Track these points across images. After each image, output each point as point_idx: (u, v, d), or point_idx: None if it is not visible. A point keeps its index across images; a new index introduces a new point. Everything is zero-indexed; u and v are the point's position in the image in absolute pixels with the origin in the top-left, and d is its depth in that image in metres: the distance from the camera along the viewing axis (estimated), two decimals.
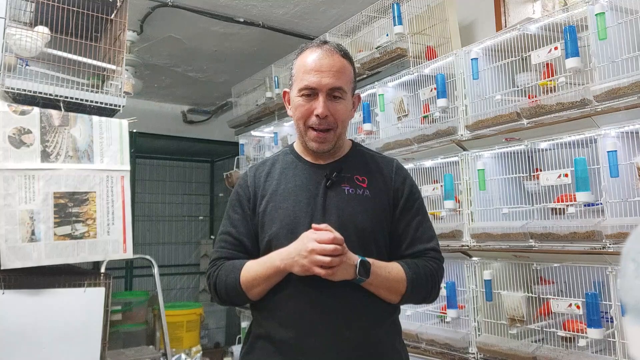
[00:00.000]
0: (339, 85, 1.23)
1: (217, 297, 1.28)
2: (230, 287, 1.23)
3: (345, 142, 1.36)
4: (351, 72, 1.28)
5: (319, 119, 1.22)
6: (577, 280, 1.67)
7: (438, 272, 1.27)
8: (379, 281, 1.18)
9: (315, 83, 1.21)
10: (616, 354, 1.53)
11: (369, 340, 1.20)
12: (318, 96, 1.22)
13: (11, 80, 1.80)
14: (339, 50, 1.26)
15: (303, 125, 1.26)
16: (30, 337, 1.74)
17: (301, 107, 1.24)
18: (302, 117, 1.25)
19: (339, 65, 1.24)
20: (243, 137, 3.93)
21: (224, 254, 1.29)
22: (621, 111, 1.53)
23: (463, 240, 1.99)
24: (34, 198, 1.75)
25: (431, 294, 1.27)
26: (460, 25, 2.56)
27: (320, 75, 1.21)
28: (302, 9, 3.29)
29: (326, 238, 1.11)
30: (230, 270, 1.23)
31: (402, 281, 1.20)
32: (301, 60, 1.26)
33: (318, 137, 1.25)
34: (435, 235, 1.32)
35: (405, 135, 2.29)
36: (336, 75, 1.22)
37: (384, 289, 1.20)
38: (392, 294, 1.21)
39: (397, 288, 1.20)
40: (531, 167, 1.86)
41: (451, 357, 2.01)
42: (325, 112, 1.21)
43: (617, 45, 1.60)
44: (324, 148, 1.27)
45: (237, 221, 1.30)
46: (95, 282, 1.87)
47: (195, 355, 3.55)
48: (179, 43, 3.78)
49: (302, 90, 1.23)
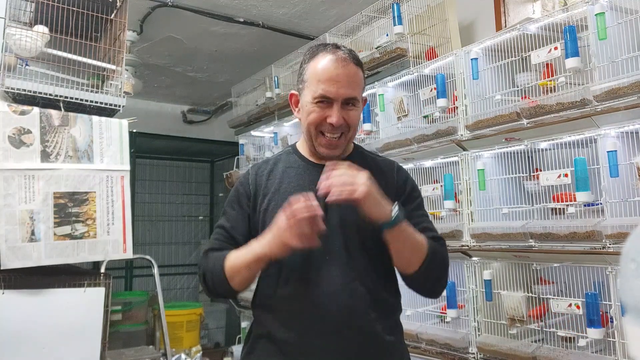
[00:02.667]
0: (354, 95, 1.24)
1: (205, 286, 1.28)
2: (215, 275, 1.23)
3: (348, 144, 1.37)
4: (362, 80, 1.29)
5: (333, 127, 1.23)
6: (577, 280, 1.67)
7: (447, 257, 1.27)
8: (407, 235, 1.16)
9: (333, 94, 1.21)
10: (616, 354, 1.53)
11: (370, 340, 1.20)
12: (332, 105, 1.22)
13: (11, 80, 1.79)
14: (352, 58, 1.26)
15: (314, 130, 1.26)
16: (30, 337, 1.74)
17: (314, 113, 1.24)
18: (314, 123, 1.25)
19: (353, 74, 1.24)
20: (243, 137, 3.93)
21: (216, 245, 1.29)
22: (621, 111, 1.53)
23: (463, 240, 1.99)
24: (33, 198, 1.75)
25: (442, 280, 1.26)
26: (460, 25, 2.56)
27: (337, 86, 1.21)
28: (302, 9, 3.29)
29: (335, 172, 1.10)
30: (217, 259, 1.24)
31: (424, 244, 1.19)
32: (314, 66, 1.25)
33: (329, 144, 1.25)
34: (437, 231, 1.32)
35: (405, 135, 2.29)
36: (352, 86, 1.23)
37: (410, 245, 1.17)
38: (415, 255, 1.18)
39: (420, 251, 1.18)
40: (531, 167, 1.86)
41: (451, 357, 2.01)
42: (340, 121, 1.22)
43: (617, 45, 1.60)
44: (335, 154, 1.27)
45: (233, 217, 1.31)
46: (95, 282, 1.86)
47: (195, 355, 3.54)
48: (179, 43, 3.78)
49: (317, 99, 1.23)
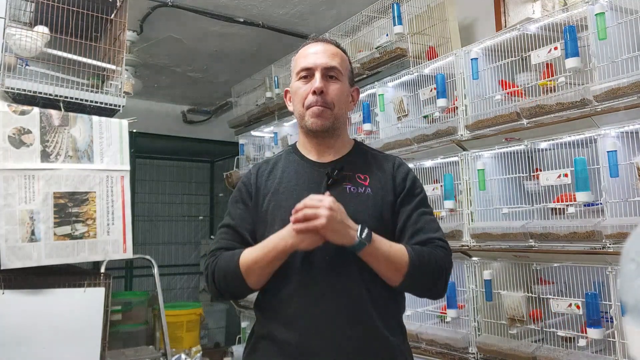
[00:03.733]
0: (333, 64, 1.28)
1: (214, 286, 1.25)
2: (229, 274, 1.20)
3: (347, 140, 1.37)
4: (346, 61, 1.34)
5: (316, 96, 1.26)
6: (577, 280, 1.67)
7: (445, 261, 1.21)
8: (379, 253, 1.14)
9: (311, 63, 1.28)
10: (616, 354, 1.53)
11: (372, 340, 1.19)
12: (315, 76, 1.27)
13: (11, 80, 1.80)
14: (332, 42, 1.35)
15: (302, 108, 1.28)
16: (30, 337, 1.74)
17: (299, 89, 1.29)
18: (300, 100, 1.29)
19: (333, 49, 1.31)
20: (243, 137, 3.92)
21: (224, 244, 1.27)
22: (621, 111, 1.53)
23: (463, 240, 1.99)
24: (34, 198, 1.75)
25: (438, 284, 1.21)
26: (460, 25, 2.56)
27: (315, 57, 1.29)
28: (302, 9, 3.29)
29: (299, 205, 1.12)
30: (230, 258, 1.22)
31: (403, 258, 1.16)
32: (298, 53, 1.35)
33: (316, 110, 1.26)
34: (440, 228, 1.29)
35: (405, 135, 2.29)
36: (330, 57, 1.29)
37: (385, 262, 1.15)
38: (392, 270, 1.16)
39: (398, 265, 1.15)
40: (531, 167, 1.86)
41: (451, 357, 2.01)
42: (320, 86, 1.26)
43: (617, 45, 1.60)
44: (322, 123, 1.27)
45: (238, 216, 1.31)
46: (95, 282, 1.87)
47: (195, 355, 3.54)
48: (179, 43, 3.78)
49: (300, 73, 1.29)
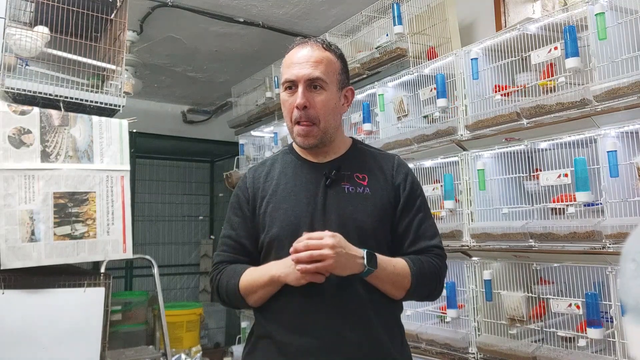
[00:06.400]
0: (316, 75, 1.20)
1: (220, 300, 1.30)
2: (230, 292, 1.24)
3: (344, 140, 1.34)
4: (335, 64, 1.26)
5: (299, 111, 1.21)
6: (577, 280, 1.67)
7: (441, 269, 1.26)
8: (385, 274, 1.17)
9: (294, 75, 1.22)
10: (616, 354, 1.53)
11: (371, 341, 1.19)
12: (298, 89, 1.21)
13: (11, 80, 1.79)
14: (321, 43, 1.26)
15: (290, 122, 1.25)
16: (30, 337, 1.74)
17: (285, 102, 1.25)
18: (287, 113, 1.25)
19: (317, 56, 1.23)
20: (243, 137, 3.93)
21: (226, 258, 1.30)
22: (621, 111, 1.52)
23: (463, 240, 1.99)
24: (33, 198, 1.75)
25: (435, 291, 1.26)
26: (460, 25, 2.56)
27: (297, 68, 1.21)
28: (302, 9, 3.29)
29: (300, 246, 1.09)
30: (231, 276, 1.25)
31: (407, 276, 1.19)
32: (284, 59, 1.28)
33: (301, 130, 1.23)
34: (438, 233, 1.31)
35: (405, 135, 2.29)
36: (314, 66, 1.21)
37: (390, 283, 1.19)
38: (397, 288, 1.20)
39: (402, 282, 1.19)
40: (531, 167, 1.86)
41: (451, 357, 2.01)
42: (303, 102, 1.20)
43: (617, 45, 1.60)
44: (309, 142, 1.24)
45: (237, 224, 1.30)
46: (95, 282, 1.86)
47: (195, 355, 3.55)
48: (179, 43, 3.78)
49: (284, 84, 1.25)
